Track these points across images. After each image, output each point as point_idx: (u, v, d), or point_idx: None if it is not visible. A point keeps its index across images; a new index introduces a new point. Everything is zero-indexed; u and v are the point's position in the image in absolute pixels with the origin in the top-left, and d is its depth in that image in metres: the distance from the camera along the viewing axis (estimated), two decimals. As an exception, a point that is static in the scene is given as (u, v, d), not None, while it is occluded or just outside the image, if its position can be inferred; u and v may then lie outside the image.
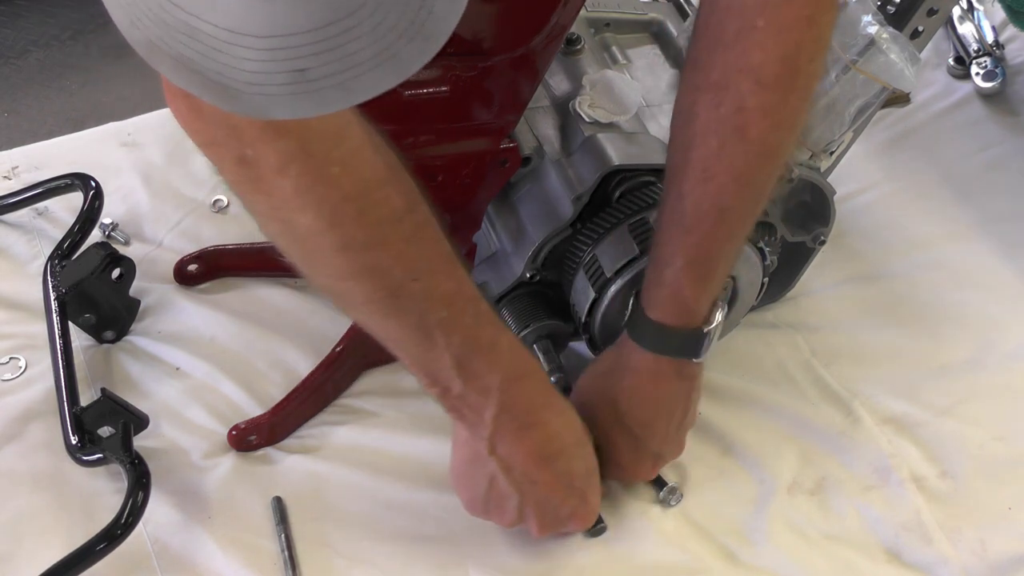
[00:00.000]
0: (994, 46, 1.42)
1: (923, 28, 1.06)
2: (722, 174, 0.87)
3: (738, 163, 0.86)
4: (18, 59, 2.15)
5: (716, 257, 0.91)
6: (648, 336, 0.94)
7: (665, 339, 0.94)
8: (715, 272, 0.92)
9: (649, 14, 1.13)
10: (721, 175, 0.87)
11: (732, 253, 0.93)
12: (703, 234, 0.89)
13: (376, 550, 1.01)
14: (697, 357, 0.95)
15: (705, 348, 0.94)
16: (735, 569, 1.00)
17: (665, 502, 1.04)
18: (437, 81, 0.90)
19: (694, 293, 0.92)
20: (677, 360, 0.95)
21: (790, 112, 0.85)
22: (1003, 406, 1.12)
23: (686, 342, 0.94)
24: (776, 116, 0.84)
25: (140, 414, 1.04)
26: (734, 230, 0.90)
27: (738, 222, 0.90)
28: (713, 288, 0.93)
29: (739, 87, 0.83)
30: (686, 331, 0.93)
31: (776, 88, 0.83)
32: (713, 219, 0.89)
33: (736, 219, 0.90)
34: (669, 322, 0.93)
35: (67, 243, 1.17)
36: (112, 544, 0.94)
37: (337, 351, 1.10)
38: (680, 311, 0.93)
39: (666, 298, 0.93)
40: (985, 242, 1.26)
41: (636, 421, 0.98)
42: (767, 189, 0.89)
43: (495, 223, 1.07)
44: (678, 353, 0.95)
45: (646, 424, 0.98)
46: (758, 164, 0.87)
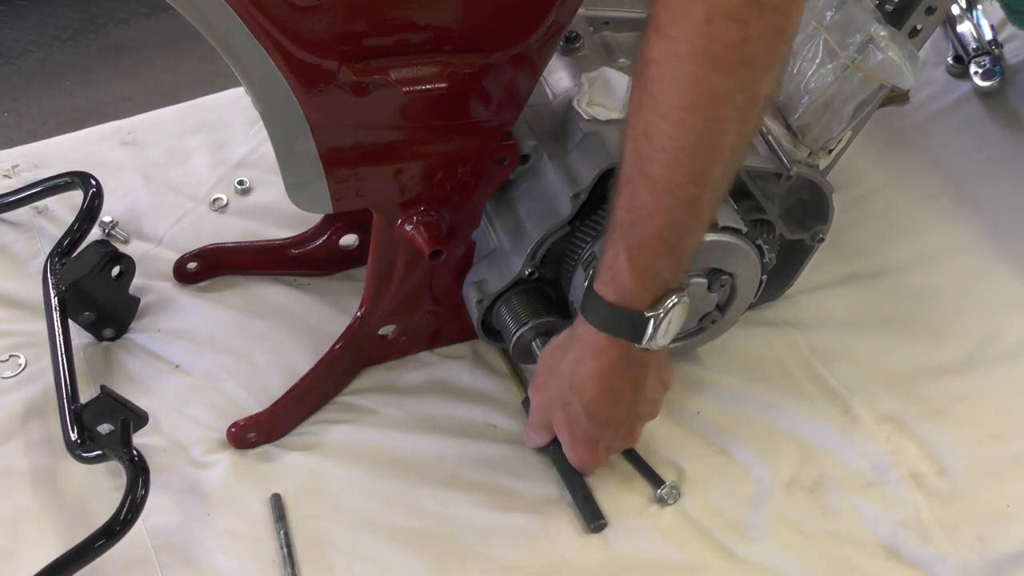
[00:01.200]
0: (993, 45, 1.42)
1: (921, 26, 1.06)
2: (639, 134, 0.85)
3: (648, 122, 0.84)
4: (18, 59, 2.16)
5: (648, 227, 0.88)
6: (591, 309, 0.93)
7: (606, 315, 0.92)
8: (651, 247, 0.89)
9: (648, 13, 1.13)
10: (639, 134, 0.85)
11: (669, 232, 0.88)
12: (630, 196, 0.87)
13: (375, 547, 1.01)
14: (638, 343, 0.92)
15: (648, 336, 0.92)
16: (734, 566, 1.00)
17: (663, 500, 1.04)
18: (435, 78, 0.90)
19: (629, 267, 0.89)
20: (620, 342, 0.93)
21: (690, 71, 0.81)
22: (1001, 404, 1.12)
23: (628, 324, 0.92)
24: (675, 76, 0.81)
25: (139, 411, 1.04)
26: (659, 198, 0.87)
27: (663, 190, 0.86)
28: (654, 268, 0.90)
29: (647, 34, 0.82)
30: (628, 312, 0.91)
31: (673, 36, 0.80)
32: (637, 181, 0.87)
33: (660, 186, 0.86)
34: (609, 298, 0.91)
35: (67, 241, 1.17)
36: (111, 540, 0.94)
37: (336, 348, 1.11)
38: (618, 287, 0.91)
39: (606, 268, 0.91)
40: (984, 240, 1.26)
41: (579, 397, 0.97)
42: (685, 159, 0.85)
43: (494, 221, 1.07)
44: (619, 333, 0.92)
45: (588, 402, 0.97)
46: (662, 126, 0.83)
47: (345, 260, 1.22)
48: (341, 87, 0.90)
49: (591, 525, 1.01)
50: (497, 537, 1.02)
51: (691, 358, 1.15)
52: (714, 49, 0.80)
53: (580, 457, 1.03)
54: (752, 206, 1.05)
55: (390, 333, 1.13)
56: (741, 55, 0.80)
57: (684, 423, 1.10)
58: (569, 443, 1.02)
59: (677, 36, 0.80)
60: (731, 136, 0.85)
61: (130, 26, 2.23)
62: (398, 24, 0.88)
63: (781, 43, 0.83)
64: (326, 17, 0.86)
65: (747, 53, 0.80)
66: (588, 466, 1.04)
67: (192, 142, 1.37)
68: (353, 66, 0.88)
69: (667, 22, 0.81)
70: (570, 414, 0.99)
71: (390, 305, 1.09)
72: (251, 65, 0.88)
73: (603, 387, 0.96)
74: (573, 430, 1.00)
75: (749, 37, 0.79)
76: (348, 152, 0.96)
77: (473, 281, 1.09)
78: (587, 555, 1.01)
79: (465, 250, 1.09)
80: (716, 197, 0.90)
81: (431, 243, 1.01)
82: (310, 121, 0.92)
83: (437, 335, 1.16)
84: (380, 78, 0.89)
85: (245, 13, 0.84)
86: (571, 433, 1.01)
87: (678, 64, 0.81)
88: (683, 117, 0.82)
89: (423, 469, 1.07)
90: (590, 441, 1.01)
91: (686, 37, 0.80)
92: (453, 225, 1.05)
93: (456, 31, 0.90)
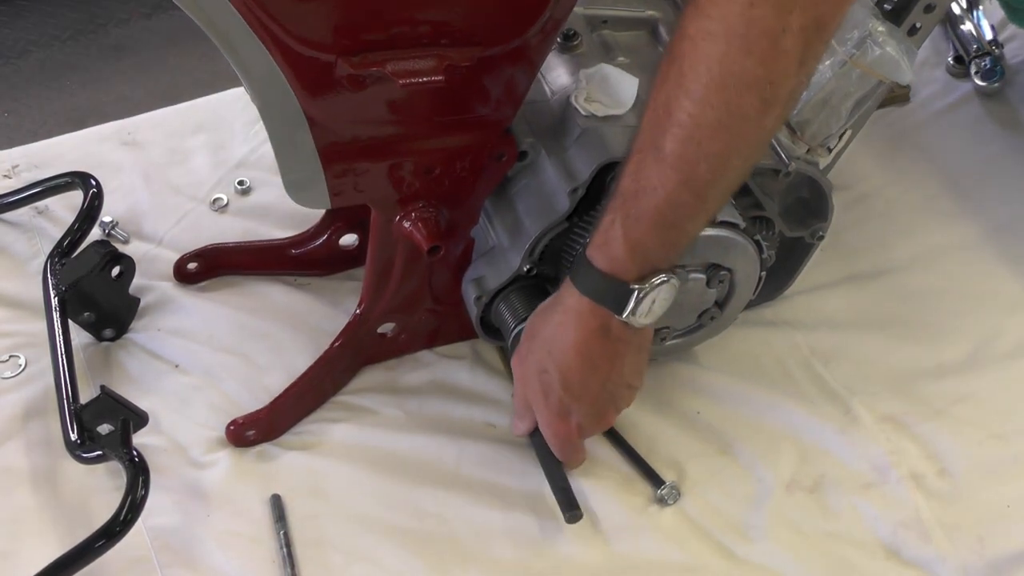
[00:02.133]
0: (993, 45, 1.42)
1: (920, 24, 1.06)
2: (659, 106, 0.85)
3: (669, 96, 0.84)
4: (18, 59, 2.16)
5: (648, 200, 0.88)
6: (579, 273, 0.93)
7: (593, 281, 0.92)
8: (647, 221, 0.88)
9: (646, 11, 1.13)
10: (658, 107, 0.85)
11: (669, 208, 0.88)
12: (637, 166, 0.87)
13: (375, 547, 1.01)
14: (619, 313, 0.92)
15: (629, 307, 0.91)
16: (734, 567, 1.00)
17: (663, 500, 1.04)
18: (432, 71, 0.90)
19: (623, 236, 0.89)
20: (602, 310, 0.92)
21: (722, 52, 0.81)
22: (1001, 404, 1.12)
23: (611, 292, 0.91)
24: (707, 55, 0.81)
25: (139, 411, 1.04)
26: (665, 173, 0.86)
27: (670, 166, 0.86)
28: (646, 243, 0.89)
29: (686, 11, 0.82)
30: (613, 280, 0.91)
31: (710, 16, 0.80)
32: (646, 153, 0.86)
33: (668, 161, 0.86)
34: (598, 264, 0.91)
35: (67, 241, 1.17)
36: (111, 541, 0.94)
37: (335, 347, 1.11)
38: (609, 254, 0.90)
39: (600, 234, 0.91)
40: (984, 240, 1.26)
41: (556, 363, 0.96)
42: (701, 138, 0.84)
43: (492, 217, 1.08)
44: (601, 299, 0.92)
45: (564, 369, 0.96)
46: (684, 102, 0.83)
47: (345, 260, 1.22)
48: (339, 81, 0.90)
49: (566, 515, 1.00)
50: (497, 537, 1.02)
51: (690, 358, 1.15)
52: (751, 34, 0.79)
53: (554, 431, 1.00)
54: (751, 203, 1.05)
55: (389, 331, 1.13)
56: (777, 45, 0.80)
57: (684, 423, 1.10)
58: (544, 415, 1.00)
59: (716, 15, 0.80)
60: (750, 127, 0.85)
61: (130, 26, 2.23)
62: (395, 17, 0.88)
63: (819, 41, 0.82)
64: (323, 10, 0.86)
65: (783, 44, 0.80)
66: (562, 445, 1.02)
67: (192, 142, 1.37)
68: (350, 59, 0.88)
69: (709, 1, 0.81)
70: (545, 382, 0.98)
71: (389, 303, 1.09)
72: (249, 60, 0.88)
73: (580, 355, 0.95)
74: (548, 399, 0.99)
75: (788, 28, 0.79)
76: (346, 147, 0.96)
77: (472, 278, 1.09)
78: (587, 555, 1.01)
79: (464, 247, 1.09)
80: (725, 187, 0.89)
81: (429, 239, 1.01)
82: (308, 116, 0.92)
83: (436, 334, 1.15)
84: (377, 71, 0.89)
85: (243, 7, 0.84)
86: (545, 403, 0.99)
87: (711, 43, 0.81)
88: (706, 96, 0.82)
89: (423, 469, 1.07)
90: (563, 413, 0.99)
91: (725, 17, 0.80)
92: (452, 221, 1.05)
93: (453, 25, 0.90)
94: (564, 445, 1.02)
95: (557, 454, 1.02)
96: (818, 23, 0.81)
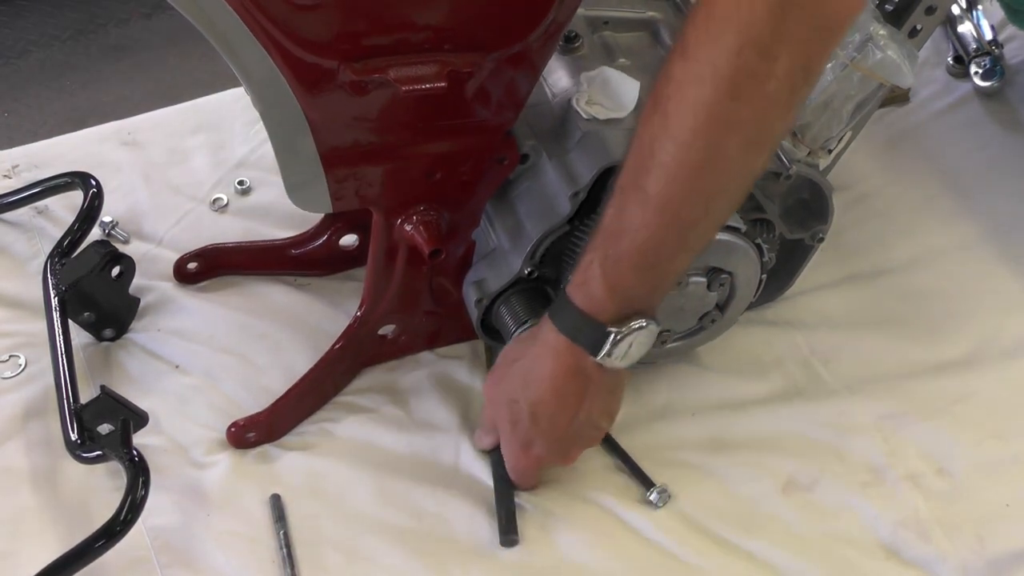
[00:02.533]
0: (993, 45, 1.42)
1: (921, 26, 1.06)
2: (642, 146, 0.85)
3: (653, 137, 0.84)
4: (18, 59, 2.16)
5: (630, 241, 0.87)
6: (558, 310, 0.93)
7: (571, 319, 0.92)
8: (628, 262, 0.88)
9: (648, 13, 1.13)
10: (642, 146, 0.85)
11: (651, 250, 0.88)
12: (619, 207, 0.87)
13: (374, 547, 1.01)
14: (594, 355, 0.92)
15: (604, 350, 0.91)
16: (733, 567, 1.00)
17: (652, 503, 1.04)
18: (435, 77, 0.90)
19: (602, 277, 0.89)
20: (578, 349, 0.92)
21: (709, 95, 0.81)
22: (1000, 404, 1.12)
23: (587, 332, 0.91)
24: (693, 98, 0.81)
25: (139, 411, 1.04)
26: (648, 214, 0.86)
27: (653, 207, 0.86)
28: (626, 284, 0.89)
29: (672, 54, 0.83)
30: (590, 320, 0.91)
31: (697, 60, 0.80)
32: (629, 193, 0.86)
33: (651, 202, 0.85)
34: (577, 302, 0.91)
35: (67, 241, 1.17)
36: (111, 541, 0.94)
37: (336, 348, 1.11)
38: (587, 294, 0.90)
39: (580, 273, 0.91)
40: (983, 240, 1.26)
41: (527, 395, 0.97)
42: (684, 179, 0.84)
43: (493, 220, 1.08)
44: (577, 339, 0.92)
45: (534, 401, 0.96)
46: (667, 144, 0.83)
47: (345, 260, 1.22)
48: (341, 86, 0.90)
49: (502, 538, 1.00)
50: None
51: (691, 358, 1.15)
52: (738, 79, 0.80)
53: (515, 459, 1.01)
54: (752, 205, 1.05)
55: (390, 333, 1.13)
56: (763, 89, 0.81)
57: (683, 423, 1.10)
58: (507, 440, 1.01)
59: (703, 60, 0.81)
60: (735, 168, 0.85)
61: (130, 26, 2.23)
62: (398, 23, 0.88)
63: (804, 85, 0.83)
64: (326, 16, 0.86)
65: (769, 89, 0.81)
66: (520, 472, 1.02)
67: (192, 142, 1.37)
68: (353, 65, 0.88)
69: (696, 45, 0.81)
70: (514, 411, 0.98)
71: (389, 305, 1.09)
72: (251, 64, 0.88)
73: (553, 390, 0.95)
74: (514, 428, 0.99)
75: (774, 74, 0.80)
76: (348, 151, 0.96)
77: (473, 280, 1.09)
78: (588, 555, 1.01)
79: (465, 250, 1.09)
80: (709, 227, 0.90)
81: (431, 242, 1.01)
82: (310, 120, 0.92)
83: (437, 335, 1.16)
84: (380, 77, 0.89)
85: (245, 12, 0.84)
86: (512, 431, 1.00)
87: (698, 87, 0.81)
88: (691, 139, 0.83)
89: (422, 469, 1.07)
90: (527, 444, 1.00)
91: (712, 62, 0.80)
92: (453, 224, 1.05)
93: (456, 30, 0.90)
94: (522, 473, 1.03)
95: (513, 477, 1.03)
96: (805, 67, 0.81)
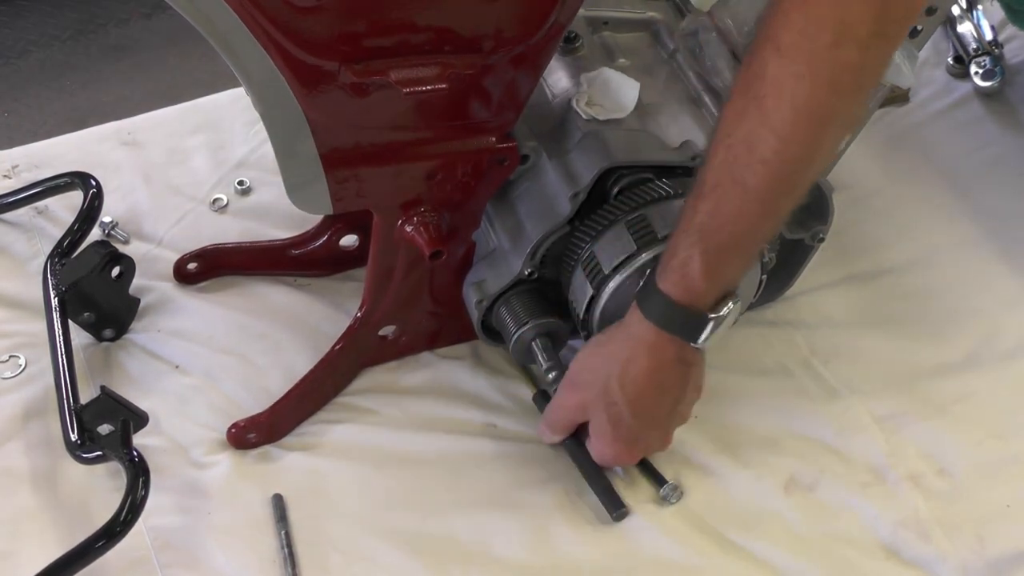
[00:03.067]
0: (993, 45, 1.42)
1: (922, 27, 1.06)
2: (737, 143, 0.88)
3: (751, 133, 0.87)
4: (18, 59, 2.16)
5: (729, 233, 0.91)
6: (654, 306, 0.94)
7: (668, 313, 0.94)
8: (727, 252, 0.92)
9: (648, 13, 1.13)
10: (736, 143, 0.88)
11: (748, 238, 0.92)
12: (716, 202, 0.89)
13: (375, 547, 1.01)
14: (695, 341, 0.95)
15: (706, 335, 0.95)
16: (733, 566, 1.01)
17: (665, 499, 1.04)
18: (436, 79, 0.90)
19: (703, 269, 0.91)
20: (677, 339, 0.95)
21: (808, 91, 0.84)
22: (1001, 404, 1.12)
23: (688, 322, 0.94)
24: (792, 94, 0.84)
25: (140, 412, 1.04)
26: (748, 206, 0.90)
27: (753, 199, 0.89)
28: (725, 271, 0.93)
29: (763, 52, 0.85)
30: (690, 310, 0.93)
31: (794, 59, 0.83)
32: (726, 188, 0.89)
33: (751, 195, 0.89)
34: (675, 295, 0.93)
35: (67, 241, 1.17)
36: (112, 541, 0.94)
37: (336, 349, 1.11)
38: (687, 286, 0.92)
39: (675, 268, 0.93)
40: (983, 240, 1.26)
41: (626, 395, 0.98)
42: (786, 173, 0.88)
43: (494, 221, 1.08)
44: (679, 331, 0.95)
45: (635, 399, 0.98)
46: (769, 139, 0.86)
47: (345, 260, 1.22)
48: (341, 88, 0.90)
49: (613, 514, 1.02)
50: (497, 537, 1.02)
51: (691, 358, 1.15)
52: (836, 74, 0.84)
53: (616, 456, 1.03)
54: (752, 206, 1.05)
55: (390, 334, 1.13)
56: (857, 80, 0.85)
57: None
58: (610, 441, 1.01)
59: (799, 58, 0.84)
60: (828, 155, 0.91)
61: (130, 26, 2.22)
62: (398, 25, 0.88)
63: (884, 70, 0.88)
64: (326, 17, 0.86)
65: (862, 79, 0.86)
66: (622, 464, 1.05)
67: (192, 142, 1.37)
68: (353, 67, 0.88)
69: (791, 44, 0.84)
70: (614, 414, 0.99)
71: (390, 306, 1.09)
72: (251, 66, 0.88)
73: (654, 384, 0.97)
74: (617, 430, 1.00)
75: (866, 65, 0.84)
76: (348, 153, 0.96)
77: (473, 281, 1.09)
78: (587, 554, 1.01)
79: (465, 250, 1.09)
80: (798, 200, 0.93)
81: (431, 244, 1.01)
82: (310, 122, 0.92)
83: (437, 336, 1.16)
84: (381, 79, 0.89)
85: (245, 13, 0.84)
86: (614, 432, 1.00)
87: (797, 83, 0.84)
88: (792, 133, 0.86)
89: (423, 469, 1.07)
90: (630, 441, 1.01)
91: (809, 60, 0.83)
92: (453, 226, 1.05)
93: (457, 32, 0.90)
94: (623, 464, 1.05)
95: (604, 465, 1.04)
96: (887, 56, 0.86)
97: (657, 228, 0.99)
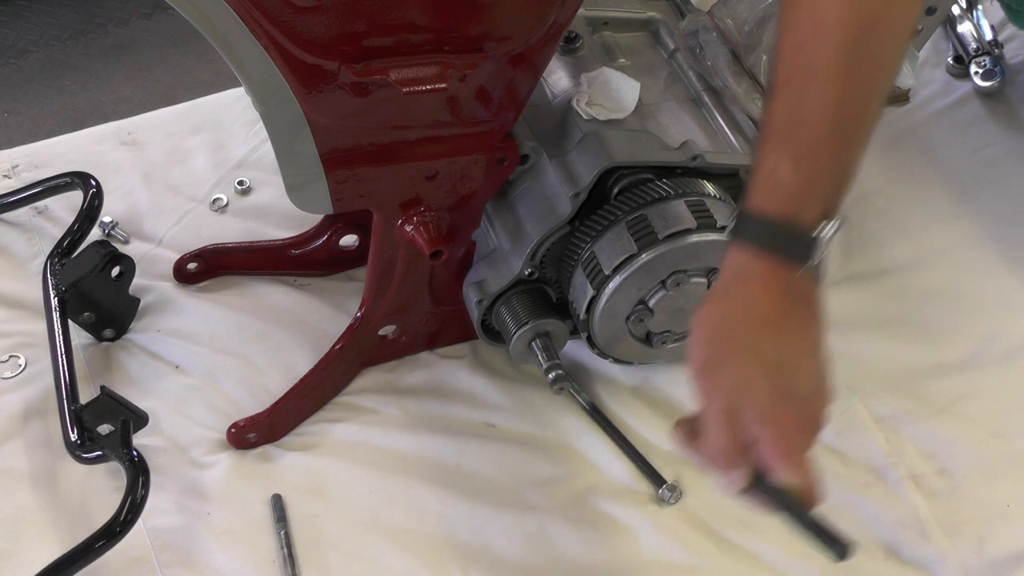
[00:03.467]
0: (993, 45, 1.42)
1: (922, 27, 1.06)
2: (801, 23, 0.82)
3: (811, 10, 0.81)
4: (18, 59, 2.16)
5: (811, 128, 0.81)
6: (750, 230, 0.82)
7: (765, 230, 0.81)
8: (815, 150, 0.81)
9: (647, 13, 1.13)
10: (800, 23, 0.82)
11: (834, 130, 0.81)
12: (791, 95, 0.82)
13: (375, 546, 1.01)
14: (805, 261, 0.80)
15: (815, 254, 0.80)
16: (733, 565, 1.01)
17: (664, 500, 1.04)
18: (436, 78, 0.90)
19: (795, 176, 0.80)
20: (782, 264, 0.80)
21: None
22: (1001, 404, 1.12)
23: (791, 240, 0.80)
24: None
25: (139, 412, 1.04)
26: (825, 88, 0.80)
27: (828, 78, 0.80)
28: (819, 178, 0.81)
29: None
30: (790, 227, 0.80)
31: None
32: (799, 76, 0.82)
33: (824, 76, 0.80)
34: (769, 208, 0.81)
35: (67, 241, 1.17)
36: (112, 541, 0.95)
37: (336, 349, 1.11)
38: (781, 196, 0.81)
39: (763, 180, 0.82)
40: (983, 240, 1.26)
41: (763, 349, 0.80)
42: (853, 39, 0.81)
43: (494, 221, 1.08)
44: (782, 250, 0.80)
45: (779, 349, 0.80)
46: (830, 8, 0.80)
47: (345, 260, 1.23)
48: (341, 87, 0.90)
49: (846, 553, 0.78)
50: (497, 537, 1.02)
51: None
52: None
53: (798, 444, 0.79)
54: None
55: (390, 334, 1.13)
56: None
57: (684, 423, 1.10)
58: (782, 424, 0.79)
59: None
60: (895, 11, 0.83)
61: (130, 26, 2.23)
62: (398, 25, 0.88)
63: None
64: (326, 17, 0.86)
65: None
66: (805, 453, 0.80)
67: (192, 142, 1.37)
68: (353, 67, 0.88)
69: None
70: (776, 381, 0.79)
71: (390, 305, 1.10)
72: (251, 65, 0.88)
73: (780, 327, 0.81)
74: (787, 404, 0.79)
75: None
76: (348, 152, 0.96)
77: (473, 281, 1.09)
78: (587, 554, 1.01)
79: (465, 250, 1.09)
80: (885, 84, 0.85)
81: (431, 243, 1.01)
82: (310, 122, 0.92)
83: (437, 335, 1.16)
84: (380, 78, 0.89)
85: (245, 13, 0.84)
86: (785, 409, 0.79)
87: None
88: None
89: (423, 469, 1.07)
90: (804, 413, 0.80)
91: None
92: (453, 225, 1.05)
93: (456, 32, 0.90)
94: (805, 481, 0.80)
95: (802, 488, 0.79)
96: None
97: (657, 228, 0.98)
